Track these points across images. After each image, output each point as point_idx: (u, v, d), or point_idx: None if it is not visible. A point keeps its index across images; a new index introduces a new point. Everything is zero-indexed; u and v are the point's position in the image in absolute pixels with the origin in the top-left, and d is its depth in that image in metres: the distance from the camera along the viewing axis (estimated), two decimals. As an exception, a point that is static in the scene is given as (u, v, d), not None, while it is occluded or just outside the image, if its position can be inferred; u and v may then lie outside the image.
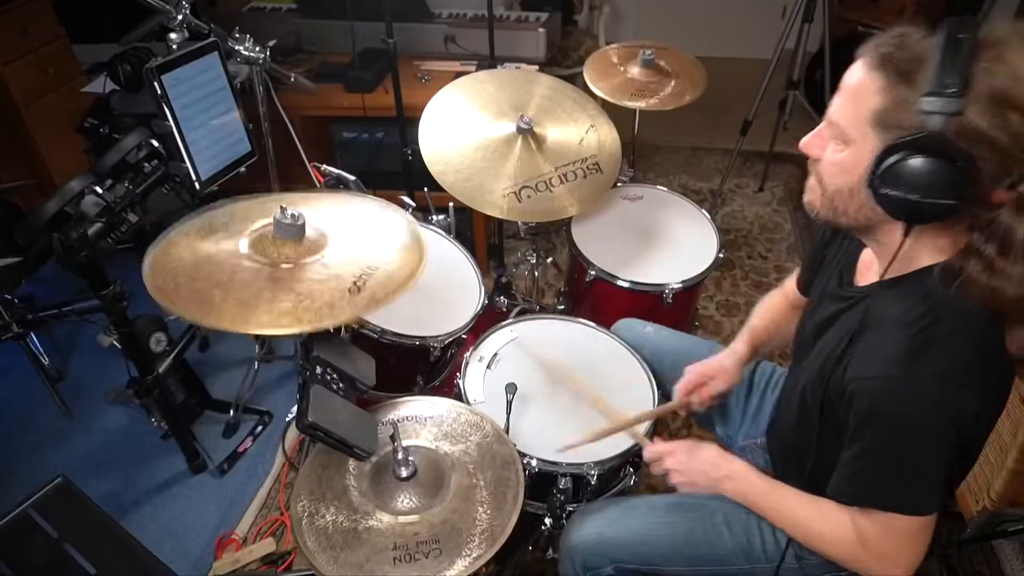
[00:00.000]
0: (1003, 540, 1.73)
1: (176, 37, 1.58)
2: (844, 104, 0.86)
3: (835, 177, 0.90)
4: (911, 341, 0.84)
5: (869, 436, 0.88)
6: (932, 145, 0.76)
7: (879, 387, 0.85)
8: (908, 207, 0.80)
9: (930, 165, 0.77)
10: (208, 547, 1.80)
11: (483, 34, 2.26)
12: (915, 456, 0.86)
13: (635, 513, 1.21)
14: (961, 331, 0.83)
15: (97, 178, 1.54)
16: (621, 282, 1.67)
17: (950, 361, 0.82)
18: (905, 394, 0.84)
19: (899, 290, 0.90)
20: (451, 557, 0.99)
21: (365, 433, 1.12)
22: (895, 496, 0.88)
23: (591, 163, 1.72)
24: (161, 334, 1.90)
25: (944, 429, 0.83)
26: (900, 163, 0.78)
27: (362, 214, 1.19)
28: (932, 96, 0.76)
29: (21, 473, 1.99)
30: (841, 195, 0.90)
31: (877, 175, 0.81)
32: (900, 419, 0.85)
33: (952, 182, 0.77)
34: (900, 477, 0.88)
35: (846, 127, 0.86)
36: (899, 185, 0.79)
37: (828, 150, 0.90)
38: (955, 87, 0.75)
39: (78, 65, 2.85)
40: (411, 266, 1.05)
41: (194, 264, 1.00)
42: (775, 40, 2.68)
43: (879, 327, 0.89)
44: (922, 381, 0.82)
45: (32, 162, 2.75)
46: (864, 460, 0.89)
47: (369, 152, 2.53)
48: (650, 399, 1.39)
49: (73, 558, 1.04)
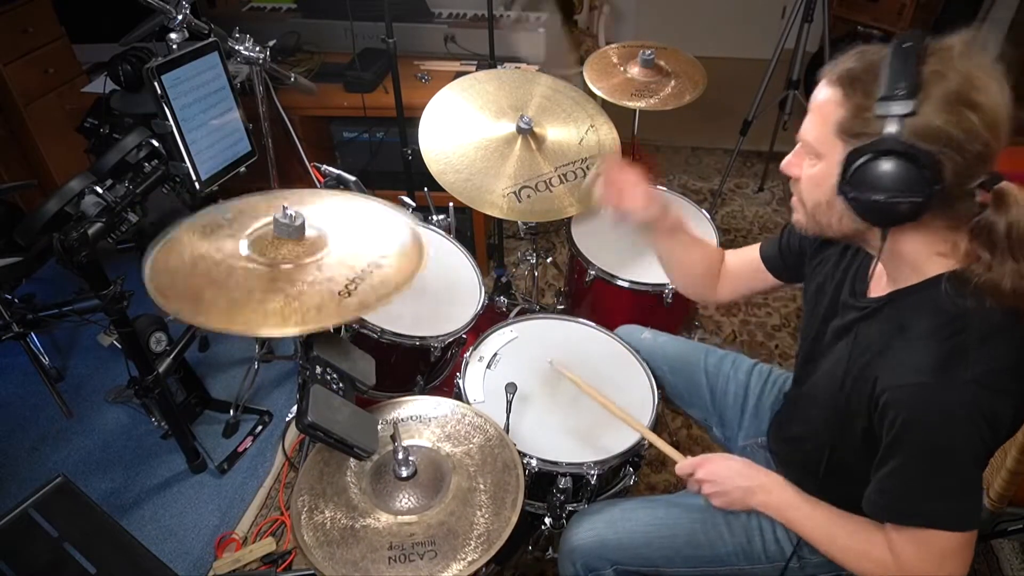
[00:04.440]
0: (1002, 540, 1.73)
1: (176, 37, 1.57)
2: (812, 121, 0.90)
3: (812, 192, 0.93)
4: (942, 348, 0.84)
5: (906, 447, 0.86)
6: (891, 146, 0.80)
7: (914, 395, 0.85)
8: (877, 209, 0.83)
9: (892, 165, 0.80)
10: (208, 547, 1.80)
11: (483, 34, 2.26)
12: (953, 464, 0.85)
13: (635, 515, 1.21)
14: (990, 336, 0.83)
15: (97, 178, 1.54)
16: (621, 282, 1.67)
17: (984, 366, 0.81)
18: (941, 400, 0.83)
19: (915, 299, 0.90)
20: (446, 559, 0.99)
21: (365, 433, 1.12)
22: (935, 510, 0.86)
23: (591, 163, 1.72)
24: (161, 334, 1.90)
25: (981, 434, 0.82)
26: (864, 167, 0.82)
27: (365, 214, 1.19)
28: (885, 100, 0.80)
29: (21, 473, 1.99)
30: (820, 208, 0.92)
31: (845, 181, 0.84)
32: (937, 425, 0.83)
33: (916, 180, 0.79)
34: (939, 488, 0.86)
35: (815, 143, 0.89)
36: (866, 188, 0.82)
37: (804, 167, 0.93)
38: (906, 89, 0.78)
39: (78, 65, 2.86)
40: (408, 271, 1.05)
41: (192, 262, 0.99)
42: (775, 40, 2.68)
43: (907, 337, 0.89)
44: (957, 386, 0.82)
45: (32, 162, 2.75)
46: (902, 473, 0.88)
47: (369, 152, 2.53)
48: (650, 399, 1.39)
49: (73, 558, 1.03)
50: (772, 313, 2.54)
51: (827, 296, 1.08)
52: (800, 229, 0.99)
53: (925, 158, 0.78)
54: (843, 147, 0.85)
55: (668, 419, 2.08)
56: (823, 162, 0.89)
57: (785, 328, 2.47)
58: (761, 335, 2.45)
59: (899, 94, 0.78)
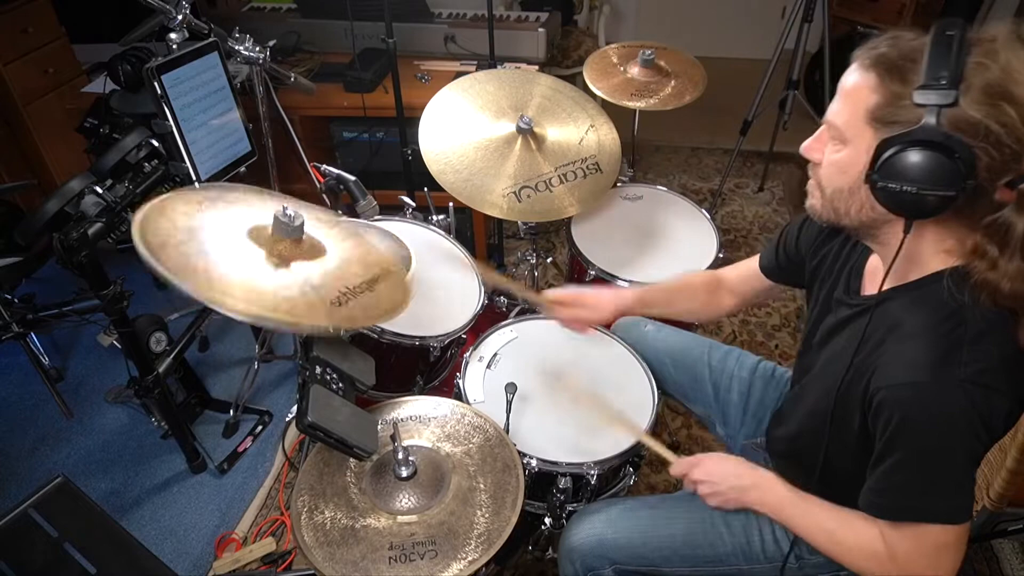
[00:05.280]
0: (1003, 540, 1.73)
1: (176, 37, 1.57)
2: (841, 105, 0.87)
3: (834, 178, 0.90)
4: (937, 347, 0.83)
5: (901, 447, 0.86)
6: (928, 137, 0.77)
7: (909, 394, 0.84)
8: (907, 200, 0.80)
9: (927, 157, 0.77)
10: (208, 547, 1.80)
11: (483, 34, 2.26)
12: (948, 462, 0.84)
13: (634, 514, 1.21)
14: (987, 334, 0.82)
15: (97, 178, 1.54)
16: (621, 282, 1.67)
17: (980, 365, 0.81)
18: (936, 399, 0.82)
19: (912, 296, 0.89)
20: (446, 559, 0.99)
21: (365, 433, 1.12)
22: (929, 505, 0.86)
23: (591, 163, 1.72)
24: (161, 334, 1.90)
25: (976, 433, 0.82)
26: (897, 156, 0.79)
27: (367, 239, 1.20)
28: (925, 89, 0.77)
29: (21, 473, 1.99)
30: (841, 195, 0.90)
31: (875, 170, 0.81)
32: (932, 424, 0.83)
33: (950, 173, 0.77)
34: (934, 485, 0.86)
35: (843, 127, 0.87)
36: (897, 178, 0.79)
37: (827, 152, 0.91)
38: (947, 79, 0.76)
39: (78, 65, 2.85)
40: (390, 304, 1.07)
41: (189, 230, 0.98)
42: (775, 40, 2.68)
43: (901, 335, 0.88)
44: (952, 385, 0.81)
45: (32, 162, 2.75)
46: (898, 472, 0.87)
47: (369, 152, 2.53)
48: (650, 400, 1.39)
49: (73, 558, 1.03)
50: (772, 313, 2.54)
51: (823, 294, 1.09)
52: (813, 214, 0.97)
53: (962, 151, 0.76)
54: (874, 134, 0.83)
55: (668, 419, 2.08)
56: (849, 148, 0.87)
57: (785, 328, 2.47)
58: (761, 335, 2.45)
59: (941, 83, 0.76)
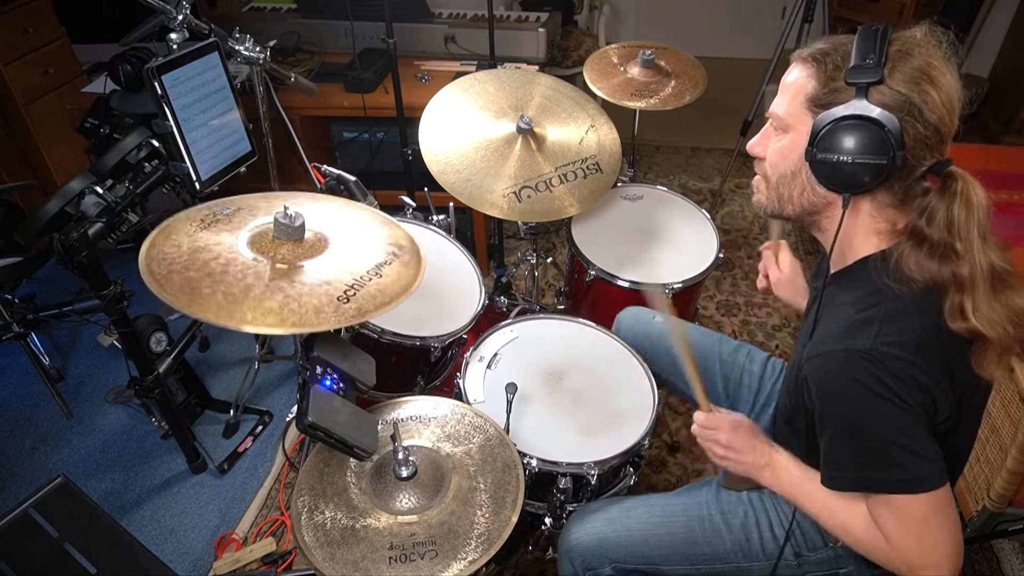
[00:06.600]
0: (1003, 540, 1.73)
1: (176, 37, 1.58)
2: (783, 97, 0.95)
3: (778, 164, 0.97)
4: (850, 321, 0.89)
5: (828, 416, 0.91)
6: (859, 111, 0.85)
7: (819, 364, 0.90)
8: (844, 173, 0.87)
9: (859, 128, 0.85)
10: (208, 547, 1.80)
11: (483, 34, 2.26)
12: (874, 428, 0.86)
13: (634, 513, 1.21)
14: (904, 313, 0.87)
15: (97, 178, 1.54)
16: (621, 282, 1.67)
17: (888, 338, 0.85)
18: (840, 366, 0.87)
19: (847, 280, 0.96)
20: (446, 559, 0.99)
21: (365, 433, 1.12)
22: (880, 475, 0.88)
23: (591, 163, 1.72)
24: (161, 334, 1.90)
25: (889, 398, 0.84)
26: (832, 130, 0.86)
27: (365, 222, 1.19)
28: (855, 69, 0.86)
29: (21, 473, 1.99)
30: (785, 180, 0.96)
31: (814, 145, 0.88)
32: (841, 391, 0.88)
33: (880, 142, 0.84)
34: (874, 452, 0.88)
35: (785, 116, 0.94)
36: (833, 150, 0.87)
37: (770, 144, 0.98)
38: (874, 60, 0.85)
39: (78, 65, 2.85)
40: (404, 282, 1.05)
41: (191, 252, 0.99)
42: (775, 40, 2.68)
43: (829, 316, 0.95)
44: (854, 353, 0.86)
45: (32, 162, 2.75)
46: (835, 442, 0.91)
47: (369, 152, 2.53)
48: (650, 399, 1.39)
49: (73, 558, 1.04)
50: (772, 313, 2.54)
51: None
52: (759, 208, 1.03)
53: (889, 122, 0.83)
54: (812, 118, 0.90)
55: (668, 419, 2.08)
56: (791, 134, 0.94)
57: (785, 328, 2.47)
58: (761, 335, 2.45)
59: (868, 63, 0.85)
